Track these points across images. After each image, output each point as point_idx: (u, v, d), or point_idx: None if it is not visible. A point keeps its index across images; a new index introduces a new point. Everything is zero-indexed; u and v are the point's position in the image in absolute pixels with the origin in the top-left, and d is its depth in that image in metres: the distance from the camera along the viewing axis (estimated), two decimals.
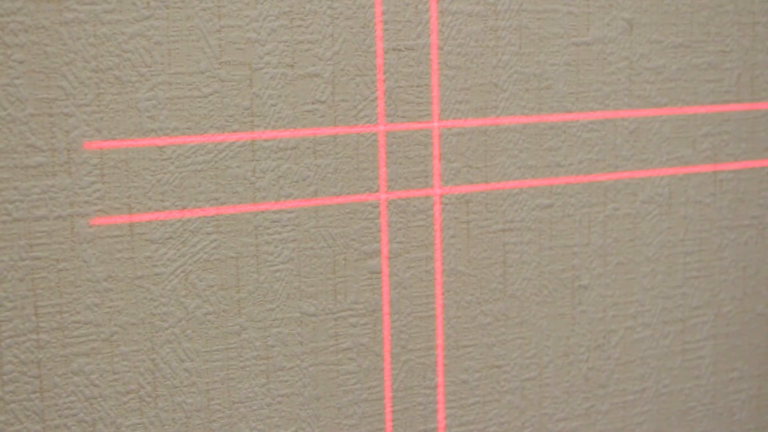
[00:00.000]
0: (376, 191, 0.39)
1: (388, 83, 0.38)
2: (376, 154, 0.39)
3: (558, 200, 0.42)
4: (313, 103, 0.37)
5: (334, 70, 0.37)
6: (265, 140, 0.37)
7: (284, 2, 0.36)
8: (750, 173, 0.45)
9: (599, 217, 0.43)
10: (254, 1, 0.36)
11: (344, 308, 0.39)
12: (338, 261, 0.38)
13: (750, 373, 0.47)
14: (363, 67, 0.38)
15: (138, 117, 0.35)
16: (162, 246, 0.36)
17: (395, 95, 0.38)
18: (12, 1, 0.33)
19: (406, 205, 0.39)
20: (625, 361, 0.44)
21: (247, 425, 0.38)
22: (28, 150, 0.33)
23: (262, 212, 0.37)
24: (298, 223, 0.38)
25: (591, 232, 0.43)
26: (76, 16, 0.33)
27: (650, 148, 0.43)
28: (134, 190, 0.35)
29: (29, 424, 0.34)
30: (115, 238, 0.35)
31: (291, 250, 0.38)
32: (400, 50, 0.38)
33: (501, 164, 0.41)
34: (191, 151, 0.36)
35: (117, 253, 0.35)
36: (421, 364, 0.40)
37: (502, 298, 0.41)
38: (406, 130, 0.39)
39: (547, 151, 0.41)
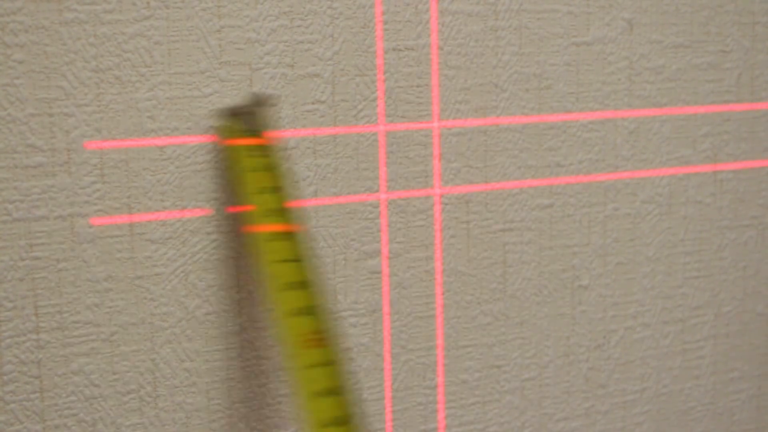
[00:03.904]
0: (376, 191, 0.39)
1: (388, 83, 0.38)
2: (376, 154, 0.38)
3: (558, 200, 0.42)
4: (313, 103, 0.37)
5: (334, 70, 0.37)
6: None
7: (284, 2, 0.36)
8: (750, 173, 0.45)
9: (599, 217, 0.43)
10: (254, 1, 0.36)
11: (344, 308, 0.39)
12: (338, 261, 0.38)
13: (750, 373, 0.47)
14: (363, 67, 0.38)
15: (138, 117, 0.35)
16: (162, 246, 0.36)
17: (395, 95, 0.38)
18: (12, 1, 0.32)
19: (406, 205, 0.39)
20: (625, 361, 0.44)
21: (247, 425, 0.37)
22: (28, 150, 0.33)
23: None
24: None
25: (591, 232, 0.43)
26: (76, 16, 0.33)
27: (650, 148, 0.43)
28: (134, 190, 0.35)
29: (29, 424, 0.34)
30: (115, 238, 0.35)
31: None
32: (400, 50, 0.38)
33: (501, 164, 0.41)
34: (191, 151, 0.36)
35: (117, 253, 0.35)
36: (421, 364, 0.40)
37: (502, 298, 0.41)
38: (406, 130, 0.39)
39: (547, 151, 0.41)
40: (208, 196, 0.36)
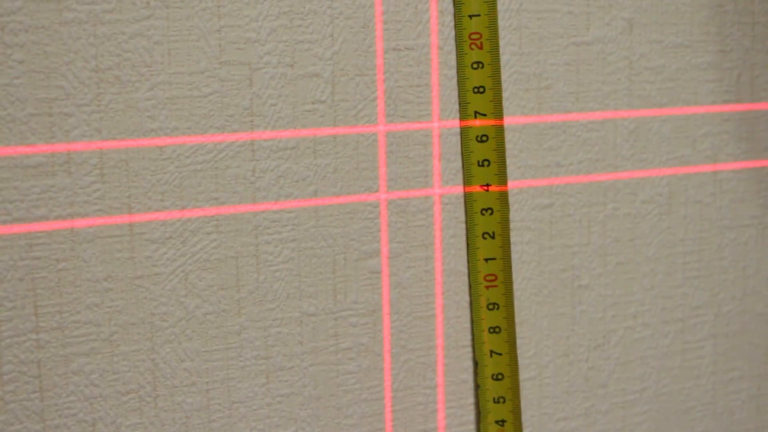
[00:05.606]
0: (376, 191, 0.38)
1: (388, 83, 0.38)
2: (376, 154, 0.38)
3: (558, 200, 0.41)
4: (313, 103, 0.37)
5: (334, 70, 0.37)
6: (265, 140, 0.36)
7: (284, 2, 0.36)
8: (750, 173, 0.45)
9: (599, 217, 0.42)
10: (254, 1, 0.35)
11: (344, 308, 0.38)
12: (338, 261, 0.38)
13: (750, 373, 0.47)
14: (363, 67, 0.37)
15: (138, 117, 0.34)
16: (162, 246, 0.35)
17: (395, 95, 0.38)
18: (12, 1, 0.32)
19: (406, 205, 0.39)
20: (625, 361, 0.44)
21: (247, 425, 0.37)
22: (28, 150, 0.33)
23: (262, 212, 0.37)
24: (298, 223, 0.37)
25: (591, 232, 0.42)
26: (76, 15, 0.33)
27: (650, 148, 0.43)
28: (134, 190, 0.35)
29: (29, 424, 0.34)
30: (115, 238, 0.35)
31: (291, 250, 0.37)
32: (400, 50, 0.38)
33: None
34: (191, 151, 0.35)
35: (117, 253, 0.35)
36: (421, 363, 0.40)
37: None
38: (406, 130, 0.39)
39: (547, 151, 0.41)
40: (208, 196, 0.36)
